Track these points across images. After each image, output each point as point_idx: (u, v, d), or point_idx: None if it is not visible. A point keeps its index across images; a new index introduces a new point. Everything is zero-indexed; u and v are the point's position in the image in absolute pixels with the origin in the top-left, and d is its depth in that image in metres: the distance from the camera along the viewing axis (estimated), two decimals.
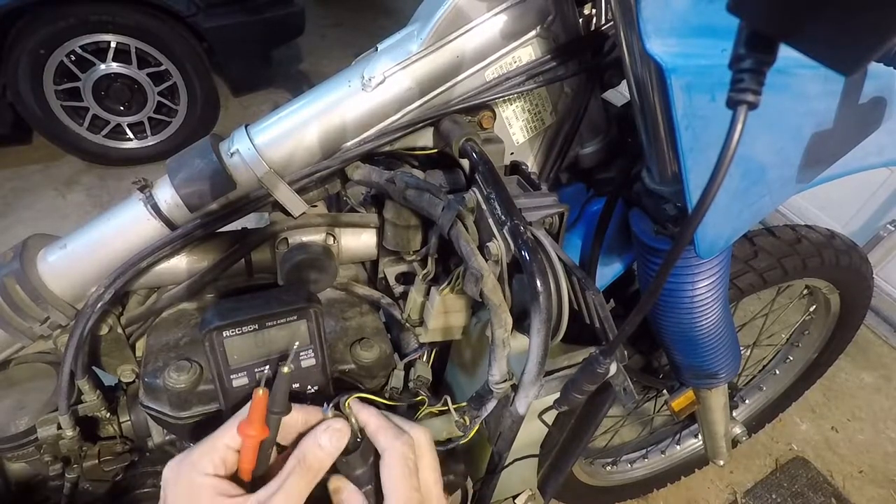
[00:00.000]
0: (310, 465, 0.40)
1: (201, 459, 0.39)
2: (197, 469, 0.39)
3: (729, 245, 0.62)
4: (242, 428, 0.40)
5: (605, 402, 0.76)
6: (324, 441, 0.41)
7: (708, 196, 0.28)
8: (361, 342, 0.61)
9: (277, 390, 0.41)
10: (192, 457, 0.40)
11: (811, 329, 1.29)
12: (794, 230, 1.00)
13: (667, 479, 1.45)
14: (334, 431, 0.42)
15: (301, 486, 0.39)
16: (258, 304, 0.48)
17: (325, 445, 0.41)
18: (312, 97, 0.60)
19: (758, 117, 0.28)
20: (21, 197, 2.30)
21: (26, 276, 0.58)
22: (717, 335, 0.71)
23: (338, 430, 0.42)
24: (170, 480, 0.39)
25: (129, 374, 0.67)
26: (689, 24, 0.49)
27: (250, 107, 2.99)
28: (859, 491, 1.58)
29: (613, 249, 0.75)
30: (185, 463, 0.40)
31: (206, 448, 0.40)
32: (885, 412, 1.81)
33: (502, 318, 0.49)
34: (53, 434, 0.61)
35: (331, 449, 0.41)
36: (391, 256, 0.69)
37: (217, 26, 2.32)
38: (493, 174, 0.55)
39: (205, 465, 0.39)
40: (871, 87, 0.60)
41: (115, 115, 2.36)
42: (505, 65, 0.62)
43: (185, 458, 0.40)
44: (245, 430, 0.40)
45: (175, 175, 0.58)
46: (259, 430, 0.40)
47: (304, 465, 0.40)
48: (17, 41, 2.04)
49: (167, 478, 0.40)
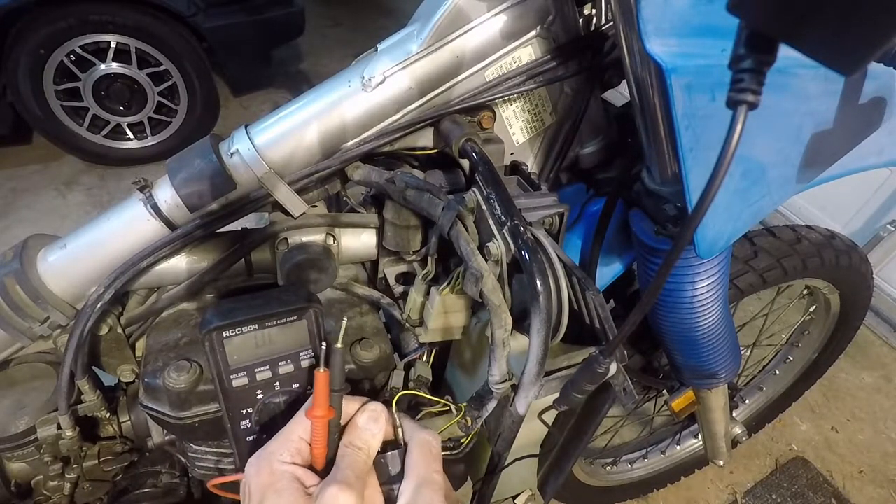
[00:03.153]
0: (358, 447, 0.43)
1: (278, 450, 0.42)
2: (276, 459, 0.41)
3: (729, 245, 0.62)
4: (310, 412, 0.42)
5: (605, 402, 0.76)
6: (363, 423, 0.44)
7: (708, 196, 0.28)
8: (361, 342, 0.61)
9: (335, 368, 0.43)
10: (270, 448, 0.42)
11: (811, 329, 1.29)
12: (794, 230, 1.00)
13: (667, 479, 1.45)
14: (371, 412, 0.45)
15: (355, 466, 0.41)
16: (258, 304, 0.48)
17: (367, 426, 0.44)
18: (312, 97, 0.60)
19: (758, 117, 0.28)
20: (21, 197, 2.30)
21: (26, 276, 0.58)
22: (717, 335, 0.71)
23: (374, 411, 0.45)
24: (251, 474, 0.41)
25: (129, 374, 0.67)
26: (689, 24, 0.49)
27: (250, 107, 2.99)
28: (859, 491, 1.58)
29: (613, 249, 0.75)
30: (264, 456, 0.42)
31: (282, 440, 0.43)
32: (885, 412, 1.81)
33: (502, 318, 0.49)
34: (53, 434, 0.61)
35: (373, 428, 0.44)
36: (391, 256, 0.69)
37: (217, 26, 2.32)
38: (493, 174, 0.55)
39: (282, 455, 0.42)
40: (871, 87, 0.60)
41: (115, 115, 2.36)
42: (505, 65, 0.62)
43: (263, 452, 0.42)
44: (313, 413, 0.42)
45: (175, 175, 0.58)
46: (325, 410, 0.42)
47: (353, 448, 0.43)
48: (17, 41, 2.04)
49: (249, 472, 0.42)
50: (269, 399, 0.49)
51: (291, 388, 0.49)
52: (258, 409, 0.49)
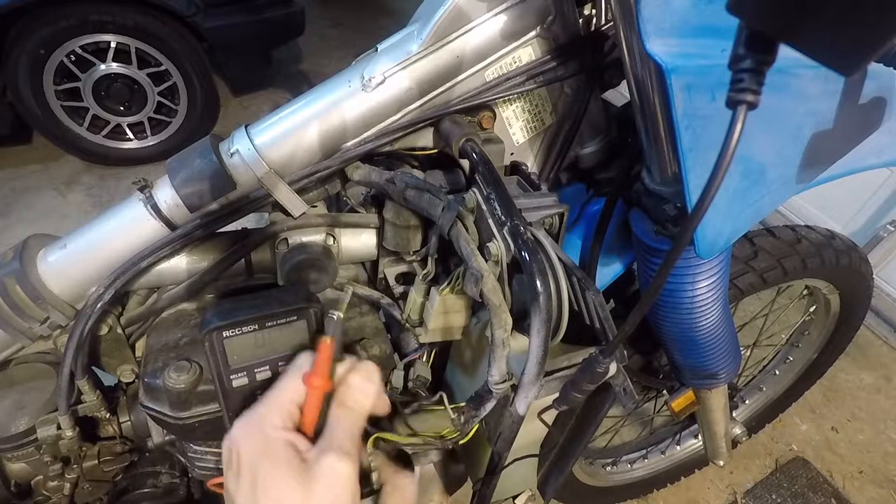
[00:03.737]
0: (351, 408, 0.41)
1: (270, 415, 0.39)
2: (268, 424, 0.39)
3: (729, 245, 0.62)
4: (310, 379, 0.40)
5: (605, 402, 0.76)
6: (356, 382, 0.42)
7: (708, 196, 0.28)
8: (361, 342, 0.61)
9: (337, 337, 0.42)
10: (260, 412, 0.40)
11: (811, 329, 1.28)
12: (794, 230, 1.00)
13: (667, 479, 1.45)
14: (363, 371, 0.43)
15: (351, 430, 0.40)
16: (258, 304, 0.48)
17: (360, 386, 0.42)
18: (312, 97, 0.60)
19: (758, 117, 0.28)
20: (21, 197, 2.30)
21: (26, 276, 0.58)
22: (717, 335, 0.71)
23: (367, 370, 0.43)
24: (240, 438, 0.39)
25: (129, 374, 0.67)
26: (689, 24, 0.49)
27: (250, 107, 2.99)
28: (859, 491, 1.57)
29: (613, 249, 0.75)
30: (255, 419, 0.40)
31: (273, 404, 0.40)
32: (885, 412, 1.81)
33: (502, 318, 0.49)
34: (53, 434, 0.61)
35: (365, 387, 0.43)
36: (391, 256, 0.69)
37: (217, 26, 2.32)
38: (493, 174, 0.55)
39: (274, 420, 0.39)
40: (871, 87, 0.60)
41: (115, 115, 2.36)
42: (505, 65, 0.62)
43: (253, 416, 0.40)
44: (312, 381, 0.40)
45: (175, 175, 0.58)
46: (325, 380, 0.41)
47: (346, 409, 0.41)
48: (17, 41, 2.04)
49: (237, 436, 0.39)
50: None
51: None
52: None
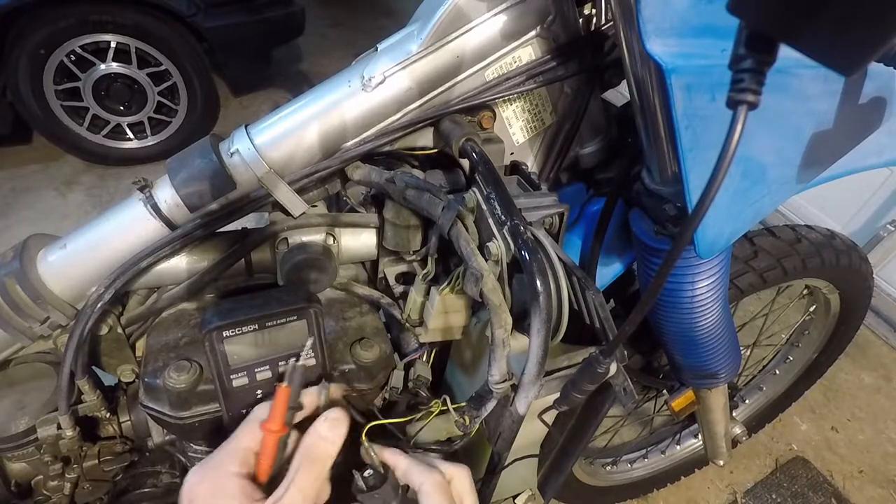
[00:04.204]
0: (315, 457, 0.41)
1: (225, 461, 0.40)
2: (223, 469, 0.40)
3: (729, 245, 0.62)
4: (266, 425, 0.41)
5: (605, 402, 0.76)
6: (324, 431, 0.42)
7: (708, 196, 0.28)
8: (361, 342, 0.61)
9: (295, 385, 0.43)
10: (216, 459, 0.41)
11: (811, 329, 1.28)
12: (794, 230, 1.00)
13: (667, 479, 1.45)
14: (333, 420, 0.43)
15: (311, 479, 0.40)
16: (258, 304, 0.48)
17: (327, 436, 0.42)
18: (312, 97, 0.60)
19: (758, 117, 0.28)
20: (21, 197, 2.30)
21: (26, 276, 0.58)
22: (717, 335, 0.71)
23: (335, 419, 0.43)
24: (194, 484, 0.40)
25: (129, 374, 0.67)
26: (689, 24, 0.49)
27: (250, 107, 2.99)
28: (859, 491, 1.57)
29: (613, 249, 0.75)
30: (210, 466, 0.41)
31: (229, 451, 0.41)
32: (885, 412, 1.81)
33: (502, 318, 0.49)
34: (53, 434, 0.61)
35: (333, 437, 0.42)
36: (391, 256, 0.69)
37: (217, 26, 2.32)
38: (493, 174, 0.55)
39: (230, 466, 0.40)
40: (871, 87, 0.60)
41: (115, 115, 2.36)
42: (505, 65, 0.62)
43: (209, 462, 0.41)
44: (269, 427, 0.41)
45: (175, 175, 0.58)
46: (281, 425, 0.42)
47: (310, 458, 0.41)
48: (17, 41, 2.04)
49: (191, 482, 0.40)
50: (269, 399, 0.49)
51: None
52: None
